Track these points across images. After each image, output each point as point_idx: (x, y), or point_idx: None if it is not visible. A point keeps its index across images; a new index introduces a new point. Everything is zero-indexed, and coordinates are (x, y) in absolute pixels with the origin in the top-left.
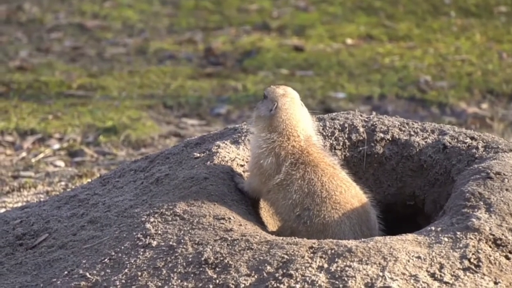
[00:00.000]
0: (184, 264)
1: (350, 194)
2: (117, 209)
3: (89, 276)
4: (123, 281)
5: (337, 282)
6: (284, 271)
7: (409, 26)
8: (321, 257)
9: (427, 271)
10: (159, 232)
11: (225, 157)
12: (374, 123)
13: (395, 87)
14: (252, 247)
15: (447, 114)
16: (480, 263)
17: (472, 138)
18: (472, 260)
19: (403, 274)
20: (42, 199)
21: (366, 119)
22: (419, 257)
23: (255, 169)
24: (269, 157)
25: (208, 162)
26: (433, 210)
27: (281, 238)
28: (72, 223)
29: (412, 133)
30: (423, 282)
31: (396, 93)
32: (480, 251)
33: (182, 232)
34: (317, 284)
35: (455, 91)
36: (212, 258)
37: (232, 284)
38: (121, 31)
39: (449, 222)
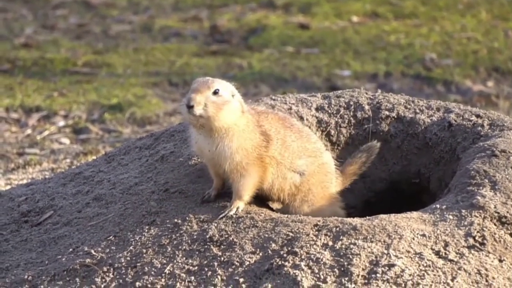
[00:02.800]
0: (189, 241)
1: None
2: (122, 187)
3: (94, 253)
4: (128, 258)
5: (341, 260)
6: (289, 248)
7: (415, 4)
8: (325, 234)
9: (431, 248)
10: (164, 209)
11: None
12: (380, 101)
13: (401, 65)
14: (257, 225)
15: (452, 92)
16: (485, 241)
17: (478, 116)
18: (477, 238)
19: (408, 252)
20: (47, 176)
21: (371, 97)
22: (424, 235)
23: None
24: (257, 131)
25: None
26: (438, 188)
27: (285, 215)
28: (77, 200)
29: (418, 111)
30: (427, 259)
31: (402, 71)
32: (485, 229)
33: (187, 209)
34: (322, 262)
35: (461, 69)
36: (217, 235)
37: (237, 261)
38: (126, 9)
39: (454, 200)
